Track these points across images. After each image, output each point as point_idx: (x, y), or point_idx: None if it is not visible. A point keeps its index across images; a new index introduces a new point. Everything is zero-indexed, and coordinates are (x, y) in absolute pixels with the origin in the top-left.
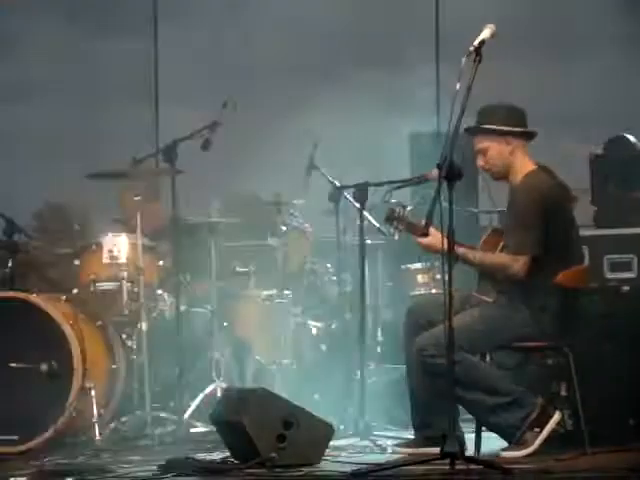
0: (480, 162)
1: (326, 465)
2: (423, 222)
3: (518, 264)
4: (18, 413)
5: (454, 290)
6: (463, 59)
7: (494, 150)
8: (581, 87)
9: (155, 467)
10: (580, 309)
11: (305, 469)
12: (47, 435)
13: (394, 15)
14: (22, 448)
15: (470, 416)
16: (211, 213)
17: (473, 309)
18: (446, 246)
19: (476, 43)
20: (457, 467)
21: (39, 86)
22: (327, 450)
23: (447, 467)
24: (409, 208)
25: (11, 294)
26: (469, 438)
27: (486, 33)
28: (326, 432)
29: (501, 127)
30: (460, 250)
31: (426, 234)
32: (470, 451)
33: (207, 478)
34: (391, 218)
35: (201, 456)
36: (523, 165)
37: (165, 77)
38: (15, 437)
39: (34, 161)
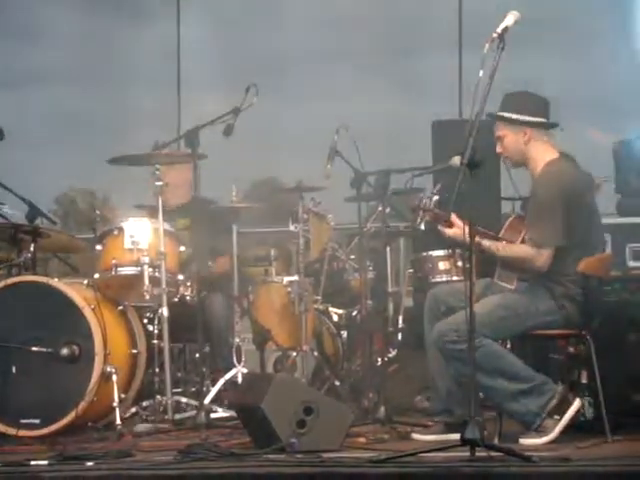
0: (498, 149)
1: (346, 451)
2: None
3: (542, 258)
4: (39, 397)
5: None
6: (486, 46)
7: (509, 138)
8: (609, 74)
9: (175, 452)
10: (602, 297)
11: (325, 455)
12: (68, 419)
13: (419, 1)
14: (43, 432)
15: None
16: (233, 199)
17: (494, 296)
18: (468, 236)
19: (499, 30)
20: (477, 454)
21: (63, 71)
22: (347, 436)
23: (467, 454)
24: (435, 198)
25: (33, 278)
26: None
27: (510, 19)
28: (346, 418)
29: (517, 117)
30: (485, 243)
31: (451, 224)
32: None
33: (227, 463)
34: (417, 208)
35: (221, 441)
36: (542, 154)
37: (188, 62)
38: (36, 421)
39: (58, 146)
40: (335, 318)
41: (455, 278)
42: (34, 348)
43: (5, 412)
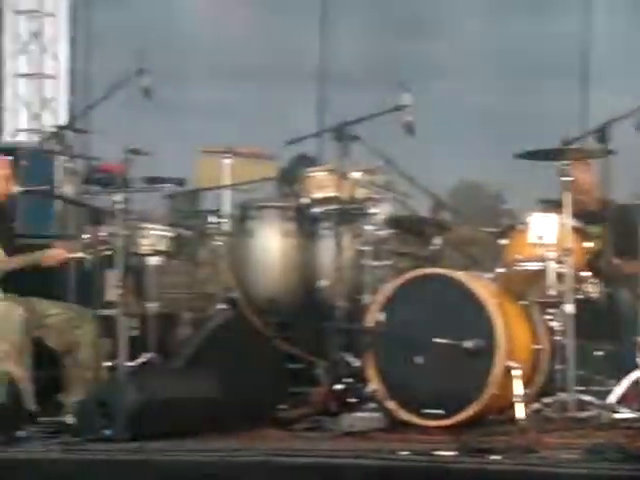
0: None
1: None
2: None
3: None
4: (443, 388)
5: None
6: None
7: None
8: None
9: (580, 451)
10: None
11: None
12: (471, 412)
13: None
14: (446, 423)
15: None
16: None
17: None
18: None
19: None
20: None
21: (467, 64)
22: None
23: None
24: None
25: (436, 271)
26: None
27: None
28: None
29: None
30: None
31: None
32: None
33: (632, 466)
34: None
35: (626, 443)
36: None
37: (597, 58)
38: (440, 412)
39: (454, 138)
40: None
41: None
42: (438, 340)
43: (409, 401)
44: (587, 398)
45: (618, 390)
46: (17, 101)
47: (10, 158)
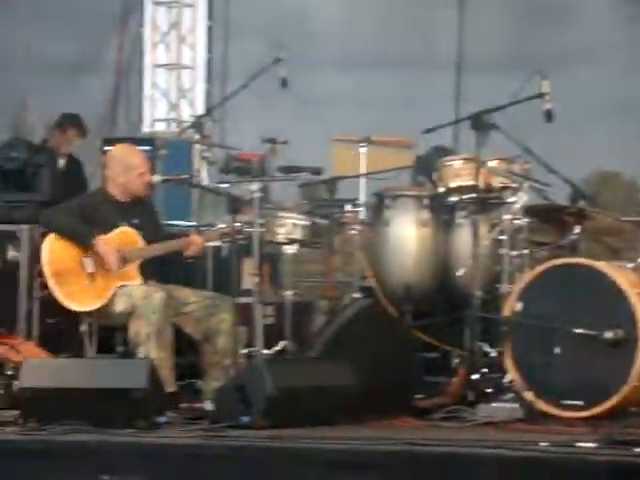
0: None
1: None
2: None
3: None
4: (582, 379)
5: None
6: None
7: None
8: None
9: None
10: None
11: None
12: (611, 403)
13: None
14: (586, 414)
15: None
16: None
17: None
18: None
19: None
20: None
21: (608, 51)
22: None
23: None
24: None
25: (576, 261)
26: None
27: None
28: None
29: None
30: None
31: None
32: None
33: None
34: None
35: None
36: None
37: None
38: (580, 402)
39: (593, 126)
40: None
41: None
42: (578, 330)
43: (547, 391)
44: None
45: None
46: (156, 91)
47: (149, 148)
